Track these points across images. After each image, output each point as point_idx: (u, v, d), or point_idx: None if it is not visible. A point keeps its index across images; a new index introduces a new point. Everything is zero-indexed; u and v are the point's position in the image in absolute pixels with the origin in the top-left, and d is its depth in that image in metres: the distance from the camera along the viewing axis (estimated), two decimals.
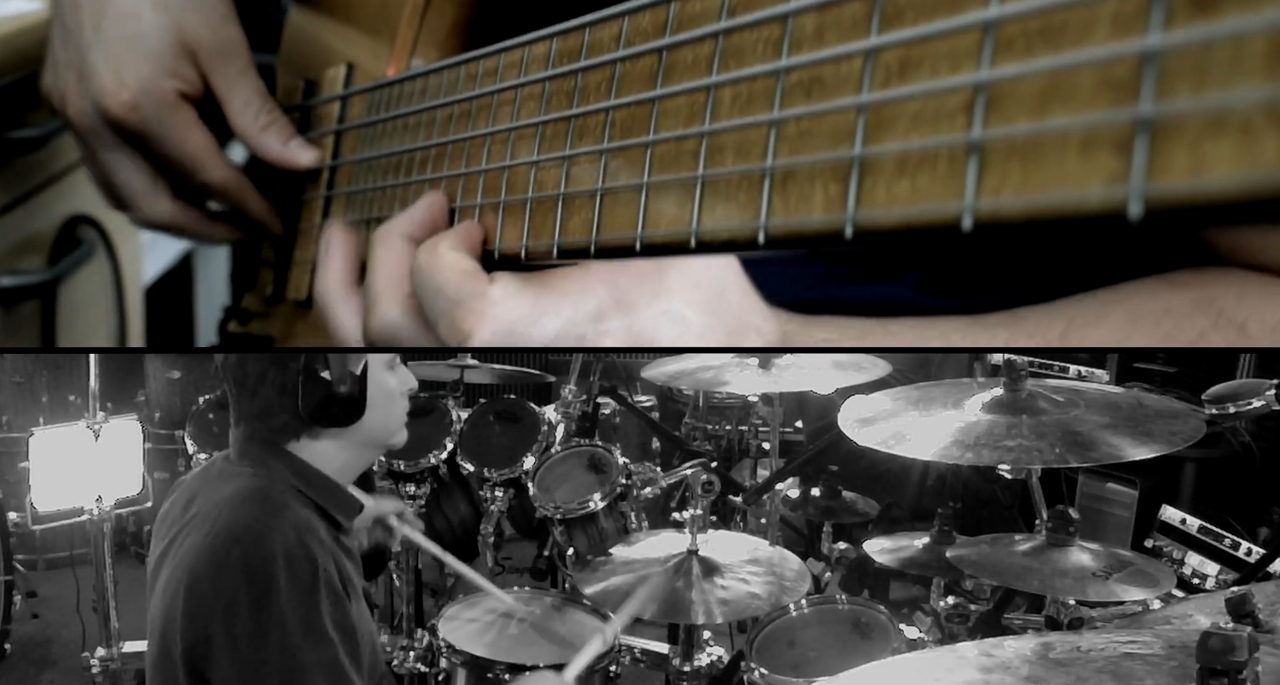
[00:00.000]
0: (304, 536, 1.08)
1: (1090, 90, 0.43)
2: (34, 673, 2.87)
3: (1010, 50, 0.46)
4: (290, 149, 1.14)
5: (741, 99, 0.61)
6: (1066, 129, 0.44)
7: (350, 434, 1.19)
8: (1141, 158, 0.41)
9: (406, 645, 2.10)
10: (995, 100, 0.47)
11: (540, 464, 2.09)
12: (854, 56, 0.54)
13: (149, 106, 1.10)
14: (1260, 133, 0.38)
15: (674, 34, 0.67)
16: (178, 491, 1.23)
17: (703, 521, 1.78)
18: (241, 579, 1.04)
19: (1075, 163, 0.44)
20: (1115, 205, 0.42)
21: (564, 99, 0.78)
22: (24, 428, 2.58)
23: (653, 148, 0.68)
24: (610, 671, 1.82)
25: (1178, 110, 0.40)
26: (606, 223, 0.73)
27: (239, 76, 1.13)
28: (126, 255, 1.60)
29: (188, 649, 1.06)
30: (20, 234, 1.42)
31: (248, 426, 1.18)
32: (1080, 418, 1.40)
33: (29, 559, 3.36)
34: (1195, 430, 1.36)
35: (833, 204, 0.55)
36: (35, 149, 1.39)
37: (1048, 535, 1.53)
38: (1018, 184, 0.46)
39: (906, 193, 0.51)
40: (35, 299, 1.43)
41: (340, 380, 1.15)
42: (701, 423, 3.70)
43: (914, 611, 1.89)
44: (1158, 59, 0.41)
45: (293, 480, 1.15)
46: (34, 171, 1.42)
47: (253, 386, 1.16)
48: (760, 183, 0.59)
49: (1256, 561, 2.02)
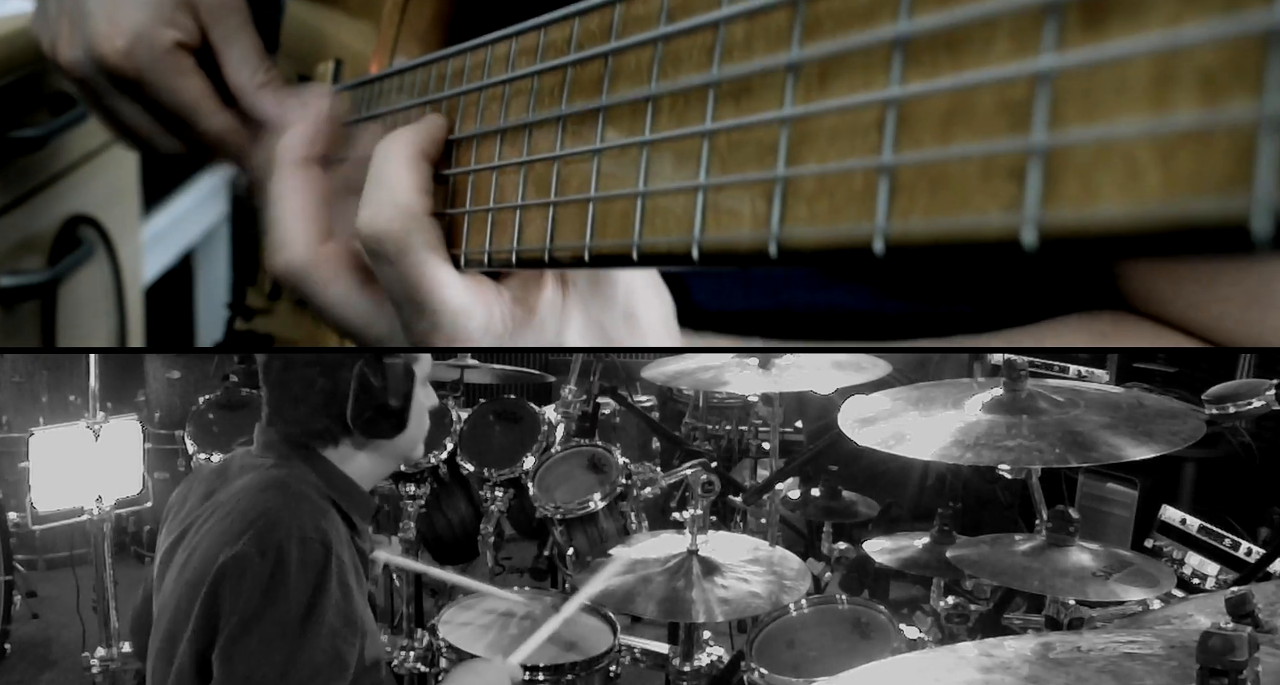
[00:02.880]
0: (321, 523, 1.09)
1: (990, 112, 0.43)
2: (34, 673, 2.87)
3: (919, 65, 0.46)
4: (284, 106, 1.10)
5: (678, 108, 0.62)
6: (968, 153, 0.44)
7: (386, 445, 1.21)
8: (1035, 185, 0.41)
9: (406, 645, 2.10)
10: (904, 118, 0.47)
11: (540, 464, 2.09)
12: (777, 67, 0.54)
13: (144, 53, 1.07)
14: (1145, 164, 0.38)
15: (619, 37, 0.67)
16: (194, 482, 1.23)
17: (703, 521, 1.78)
18: (256, 559, 1.04)
19: (977, 188, 0.44)
20: (1011, 232, 0.42)
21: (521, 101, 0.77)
22: (24, 428, 2.58)
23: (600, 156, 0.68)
24: (610, 671, 1.82)
25: (1068, 139, 0.40)
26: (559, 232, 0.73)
27: (237, 31, 1.11)
28: (126, 255, 1.60)
29: (196, 631, 1.06)
30: (20, 234, 1.42)
31: (283, 427, 1.18)
32: (1080, 418, 1.40)
33: (29, 559, 3.36)
34: (1195, 430, 1.36)
35: (759, 221, 0.55)
36: (35, 149, 1.39)
37: (1048, 535, 1.53)
38: (925, 207, 0.46)
39: (825, 211, 0.51)
40: (35, 299, 1.43)
41: (393, 393, 1.16)
42: (701, 423, 3.70)
43: (914, 611, 1.89)
44: (1050, 81, 0.41)
45: (316, 479, 1.16)
46: (34, 171, 1.42)
47: (299, 391, 1.16)
48: (693, 199, 0.60)
49: (1256, 561, 2.02)
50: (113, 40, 1.07)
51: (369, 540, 1.25)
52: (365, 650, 1.11)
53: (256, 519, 1.08)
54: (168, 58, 1.09)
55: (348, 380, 1.15)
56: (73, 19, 1.11)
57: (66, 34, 1.11)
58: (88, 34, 1.09)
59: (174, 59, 1.09)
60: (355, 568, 1.12)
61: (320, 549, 1.06)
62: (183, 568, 1.12)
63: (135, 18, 1.08)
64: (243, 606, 1.03)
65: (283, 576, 1.04)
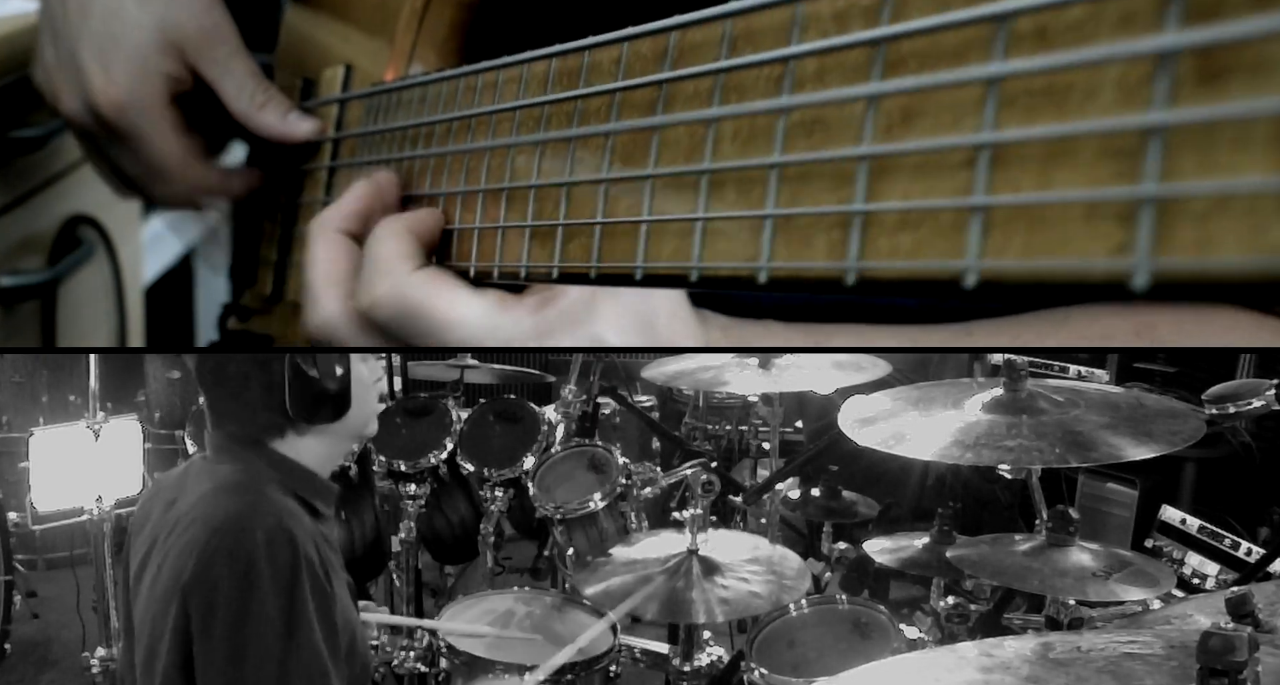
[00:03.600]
0: (285, 521, 1.07)
1: (1094, 156, 0.43)
2: (34, 673, 2.87)
3: (1013, 108, 0.46)
4: (288, 122, 1.14)
5: (743, 135, 0.61)
6: (1068, 199, 0.43)
7: (332, 428, 1.20)
8: (1147, 231, 0.41)
9: (406, 645, 2.10)
10: (1000, 156, 0.46)
11: (540, 464, 2.09)
12: (856, 100, 0.53)
13: (135, 108, 1.11)
14: (1267, 215, 0.37)
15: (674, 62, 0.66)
16: (155, 494, 1.22)
17: (703, 521, 1.78)
18: (224, 569, 1.03)
19: (1080, 229, 0.43)
20: (1120, 276, 0.42)
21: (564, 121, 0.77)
22: (24, 428, 2.58)
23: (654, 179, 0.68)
24: (610, 671, 1.82)
25: (1180, 191, 0.39)
26: (607, 250, 0.72)
27: (228, 60, 1.13)
28: (126, 255, 1.60)
29: (173, 647, 1.05)
30: (20, 234, 1.41)
31: (229, 426, 1.17)
32: (1080, 418, 1.40)
33: (29, 559, 3.36)
34: (1195, 430, 1.36)
35: (835, 250, 0.54)
36: (35, 149, 1.39)
37: (1048, 535, 1.53)
38: (1022, 246, 0.45)
39: (909, 245, 0.51)
40: (35, 299, 1.43)
41: (328, 377, 1.15)
42: (701, 423, 3.69)
43: (914, 611, 1.89)
44: (1162, 132, 0.40)
45: (271, 472, 1.15)
46: (34, 171, 1.42)
47: (235, 388, 1.15)
48: (762, 224, 0.59)
49: (1256, 561, 2.02)
50: (108, 92, 1.11)
51: (332, 524, 1.24)
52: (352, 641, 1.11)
53: (218, 528, 1.06)
54: (155, 114, 1.12)
55: (281, 371, 1.13)
56: (69, 71, 1.14)
57: (67, 86, 1.15)
58: (84, 86, 1.12)
59: (162, 117, 1.13)
60: (324, 558, 1.11)
61: (287, 548, 1.05)
62: (153, 584, 1.11)
63: (127, 69, 1.11)
64: (220, 621, 1.02)
65: (255, 584, 1.02)
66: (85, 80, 1.11)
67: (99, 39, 1.11)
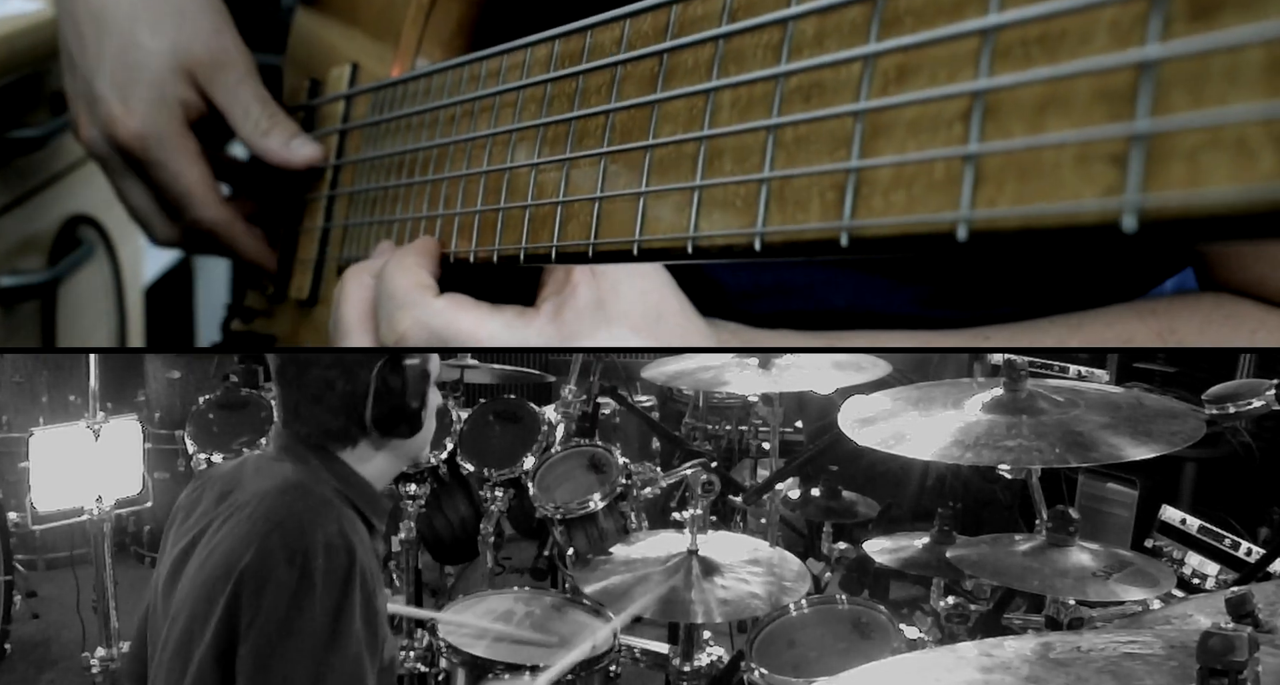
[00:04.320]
0: (345, 528, 1.09)
1: (1087, 101, 0.43)
2: (34, 673, 2.87)
3: (1008, 58, 0.46)
4: (290, 149, 1.16)
5: (741, 104, 0.61)
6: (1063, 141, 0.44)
7: (400, 445, 1.21)
8: (1137, 170, 0.41)
9: (406, 645, 2.10)
10: (992, 109, 0.47)
11: (540, 464, 2.09)
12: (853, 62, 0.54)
13: (153, 136, 1.13)
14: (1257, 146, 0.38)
15: (675, 38, 0.67)
16: (205, 485, 1.23)
17: (703, 521, 1.78)
18: (281, 564, 1.04)
19: (1071, 174, 0.44)
20: (1110, 217, 0.42)
21: (565, 102, 0.78)
22: (24, 428, 2.58)
23: (651, 152, 0.68)
24: (610, 671, 1.82)
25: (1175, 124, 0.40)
26: (605, 227, 0.73)
27: (237, 86, 1.16)
28: (126, 255, 1.61)
29: (217, 633, 1.05)
30: (20, 234, 1.42)
31: (299, 429, 1.18)
32: (1080, 418, 1.40)
33: (29, 559, 3.36)
34: (1195, 430, 1.36)
35: (829, 211, 0.55)
36: (35, 149, 1.39)
37: (1048, 535, 1.53)
38: (1014, 195, 0.46)
39: (903, 202, 0.51)
40: (35, 299, 1.43)
41: (412, 395, 1.17)
42: (701, 423, 3.70)
43: (914, 611, 1.89)
44: (1155, 70, 0.41)
45: (333, 481, 1.16)
46: (34, 171, 1.42)
47: (317, 392, 1.16)
48: (758, 189, 0.59)
49: (1256, 561, 2.02)
50: (126, 123, 1.13)
51: (381, 540, 1.25)
52: (383, 652, 1.12)
53: (281, 523, 1.07)
54: (174, 142, 1.14)
55: (366, 381, 1.15)
56: (87, 101, 1.16)
57: (85, 117, 1.17)
58: (102, 118, 1.14)
59: (180, 145, 1.15)
60: (376, 572, 1.12)
61: (345, 556, 1.06)
62: (200, 569, 1.11)
63: (143, 97, 1.13)
64: (268, 615, 1.03)
65: (309, 585, 1.03)
66: (103, 111, 1.13)
67: (114, 69, 1.13)
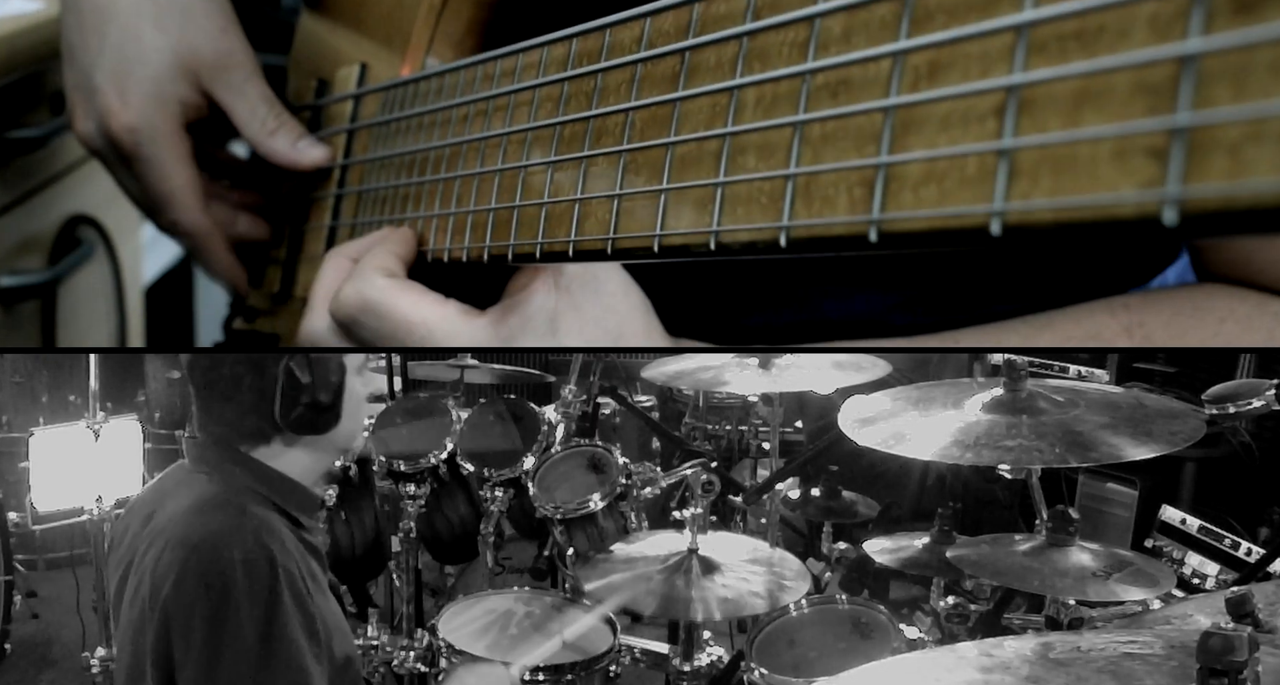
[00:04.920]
0: (263, 537, 1.06)
1: (1126, 94, 0.43)
2: (34, 673, 2.87)
3: (1043, 54, 0.46)
4: (298, 149, 1.15)
5: (765, 102, 0.60)
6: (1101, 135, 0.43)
7: (320, 440, 1.18)
8: (1178, 163, 0.41)
9: (406, 645, 2.10)
10: (1027, 104, 0.46)
11: (540, 464, 2.09)
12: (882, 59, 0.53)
13: (145, 132, 1.11)
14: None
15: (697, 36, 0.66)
16: (136, 506, 1.21)
17: (703, 521, 1.78)
18: (200, 590, 1.02)
19: (1109, 168, 0.43)
20: (1150, 210, 0.42)
21: (583, 101, 0.77)
22: (24, 428, 2.58)
23: (673, 149, 0.67)
24: (610, 671, 1.82)
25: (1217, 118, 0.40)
26: (624, 224, 0.72)
27: (243, 85, 1.14)
28: (126, 255, 1.61)
29: (156, 666, 1.04)
30: (20, 234, 1.42)
31: (214, 430, 1.16)
32: (1080, 418, 1.40)
33: (29, 559, 3.36)
34: (1195, 430, 1.36)
35: (857, 207, 0.54)
36: (35, 149, 1.39)
37: (1048, 535, 1.53)
38: (1049, 189, 0.45)
39: (934, 197, 0.50)
40: (35, 299, 1.43)
41: (321, 388, 1.13)
42: (701, 423, 3.69)
43: (914, 611, 1.89)
44: (1197, 64, 0.40)
45: (251, 483, 1.14)
46: (34, 171, 1.42)
47: (226, 390, 1.13)
48: (783, 186, 0.59)
49: (1256, 561, 2.02)
50: (121, 115, 1.11)
51: (318, 533, 1.22)
52: (334, 650, 1.10)
53: (195, 546, 1.04)
54: (166, 141, 1.12)
55: (275, 377, 1.11)
56: (85, 93, 1.14)
57: (81, 108, 1.15)
58: (98, 109, 1.12)
59: (171, 144, 1.13)
60: (307, 571, 1.09)
61: (265, 566, 1.03)
62: (131, 603, 1.09)
63: (141, 91, 1.11)
64: (197, 643, 1.01)
65: (232, 606, 1.01)
66: (100, 102, 1.11)
67: (115, 63, 1.11)
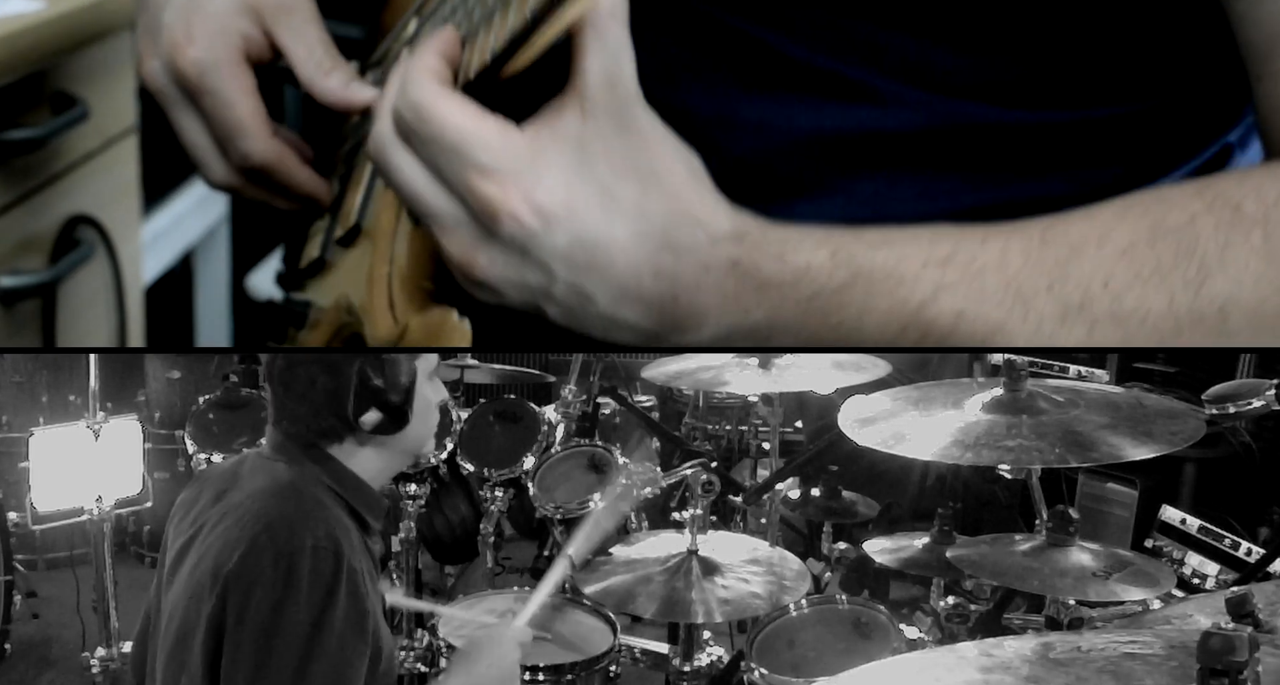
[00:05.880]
0: (334, 530, 1.09)
1: None
2: (34, 673, 2.87)
3: None
4: (351, 89, 1.18)
5: None
6: None
7: (390, 442, 1.21)
8: None
9: (406, 645, 2.10)
10: None
11: (540, 464, 2.09)
12: None
13: (209, 63, 1.15)
14: None
15: None
16: (205, 483, 1.23)
17: (703, 521, 1.78)
18: (266, 568, 1.04)
19: None
20: None
21: None
22: (24, 428, 2.58)
23: None
24: (610, 671, 1.82)
25: None
26: None
27: (302, 27, 1.18)
28: (126, 255, 1.60)
29: (207, 635, 1.06)
30: (20, 234, 1.41)
31: (289, 427, 1.18)
32: (1080, 418, 1.40)
33: (29, 559, 3.36)
34: (1195, 430, 1.36)
35: None
36: (35, 149, 1.39)
37: (1048, 535, 1.53)
38: None
39: None
40: (35, 299, 1.43)
41: (392, 389, 1.16)
42: (701, 423, 3.69)
43: (914, 611, 1.89)
44: None
45: (326, 479, 1.16)
46: (34, 171, 1.42)
47: (302, 389, 1.16)
48: None
49: (1256, 561, 2.02)
50: (186, 50, 1.15)
51: (377, 541, 1.25)
52: (379, 655, 1.11)
53: (269, 525, 1.07)
54: (230, 71, 1.16)
55: (349, 377, 1.15)
56: (152, 33, 1.19)
57: (149, 49, 1.19)
58: (163, 45, 1.17)
59: (236, 75, 1.17)
60: (367, 573, 1.12)
61: (332, 558, 1.06)
62: (193, 570, 1.12)
63: (205, 26, 1.16)
64: (251, 617, 1.03)
65: (293, 587, 1.03)
66: (166, 38, 1.16)
67: (183, 3, 1.17)
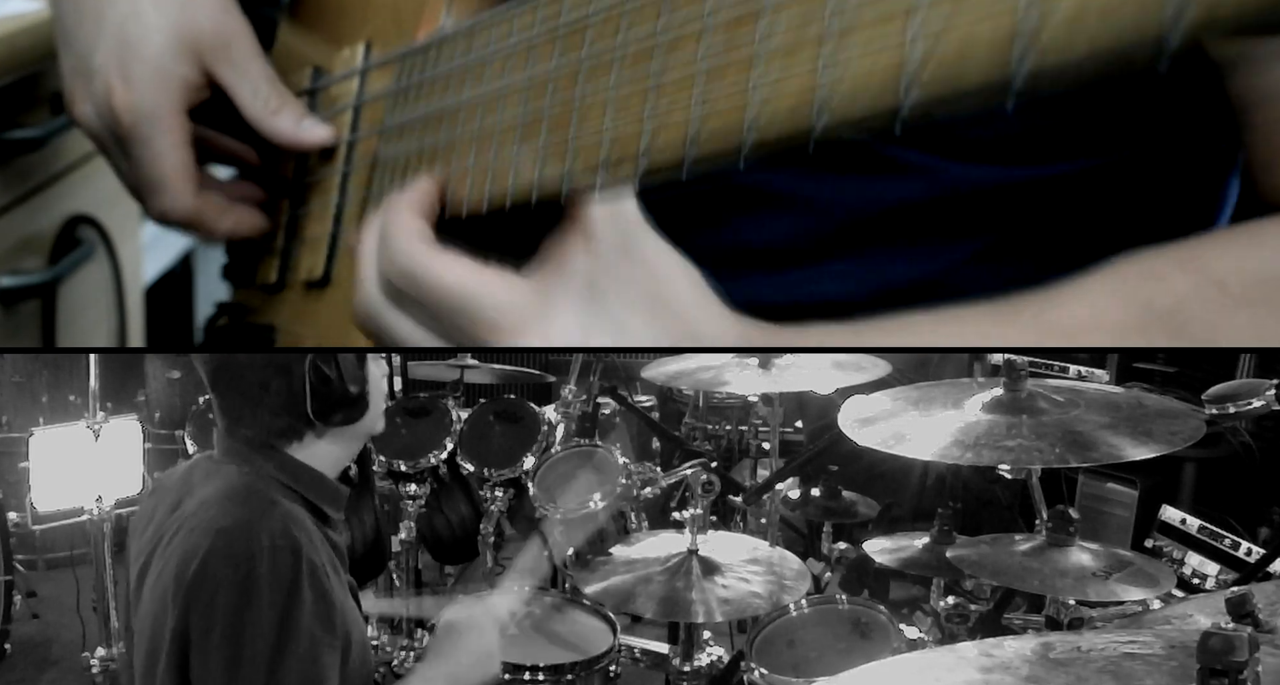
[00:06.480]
0: (290, 528, 1.07)
1: None
2: (34, 673, 2.87)
3: None
4: (302, 128, 1.14)
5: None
6: None
7: (349, 429, 1.19)
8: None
9: (406, 645, 2.10)
10: None
11: (540, 464, 2.09)
12: None
13: (145, 112, 1.10)
14: None
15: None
16: (160, 493, 1.22)
17: (703, 521, 1.78)
18: (224, 573, 1.03)
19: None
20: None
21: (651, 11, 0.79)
22: (24, 428, 2.58)
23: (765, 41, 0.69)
24: (610, 671, 1.82)
25: None
26: (706, 130, 0.74)
27: (245, 64, 1.14)
28: (126, 255, 1.60)
29: (172, 649, 1.05)
30: (20, 234, 1.41)
31: (244, 432, 1.16)
32: (1080, 418, 1.40)
33: (29, 559, 3.35)
34: (1195, 430, 1.36)
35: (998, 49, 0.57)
36: (35, 149, 1.39)
37: (1048, 535, 1.53)
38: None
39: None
40: (35, 299, 1.43)
41: (350, 380, 1.15)
42: (701, 423, 3.69)
43: (914, 611, 1.89)
44: None
45: (279, 476, 1.15)
46: (34, 171, 1.42)
47: (252, 392, 1.14)
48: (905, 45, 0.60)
49: (1256, 561, 2.02)
50: (122, 96, 1.10)
51: (341, 530, 1.23)
52: (350, 646, 1.10)
53: (222, 531, 1.05)
54: (167, 122, 1.11)
55: (302, 376, 1.13)
56: (84, 76, 1.13)
57: (80, 91, 1.14)
58: (97, 91, 1.12)
59: (172, 125, 1.12)
60: (331, 566, 1.10)
61: (290, 556, 1.04)
62: (155, 584, 1.10)
63: (142, 72, 1.10)
64: (217, 625, 1.02)
65: (255, 590, 1.02)
66: (100, 83, 1.11)
67: (116, 44, 1.10)
